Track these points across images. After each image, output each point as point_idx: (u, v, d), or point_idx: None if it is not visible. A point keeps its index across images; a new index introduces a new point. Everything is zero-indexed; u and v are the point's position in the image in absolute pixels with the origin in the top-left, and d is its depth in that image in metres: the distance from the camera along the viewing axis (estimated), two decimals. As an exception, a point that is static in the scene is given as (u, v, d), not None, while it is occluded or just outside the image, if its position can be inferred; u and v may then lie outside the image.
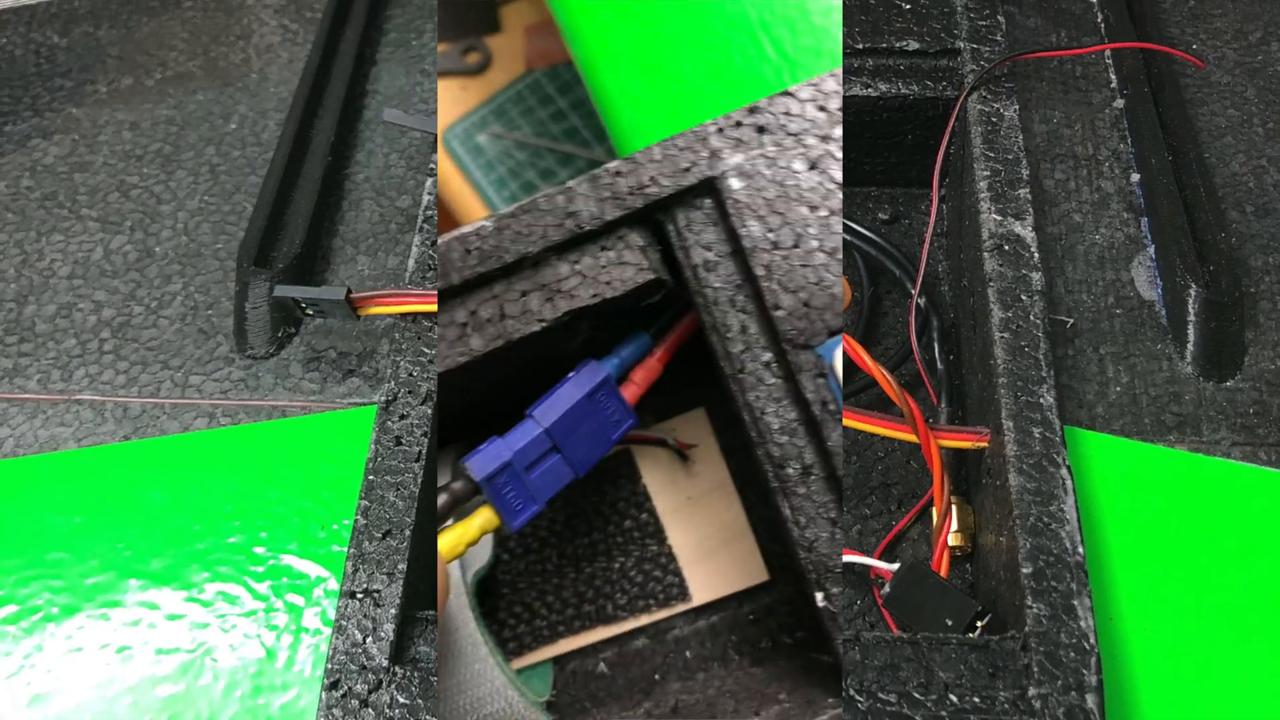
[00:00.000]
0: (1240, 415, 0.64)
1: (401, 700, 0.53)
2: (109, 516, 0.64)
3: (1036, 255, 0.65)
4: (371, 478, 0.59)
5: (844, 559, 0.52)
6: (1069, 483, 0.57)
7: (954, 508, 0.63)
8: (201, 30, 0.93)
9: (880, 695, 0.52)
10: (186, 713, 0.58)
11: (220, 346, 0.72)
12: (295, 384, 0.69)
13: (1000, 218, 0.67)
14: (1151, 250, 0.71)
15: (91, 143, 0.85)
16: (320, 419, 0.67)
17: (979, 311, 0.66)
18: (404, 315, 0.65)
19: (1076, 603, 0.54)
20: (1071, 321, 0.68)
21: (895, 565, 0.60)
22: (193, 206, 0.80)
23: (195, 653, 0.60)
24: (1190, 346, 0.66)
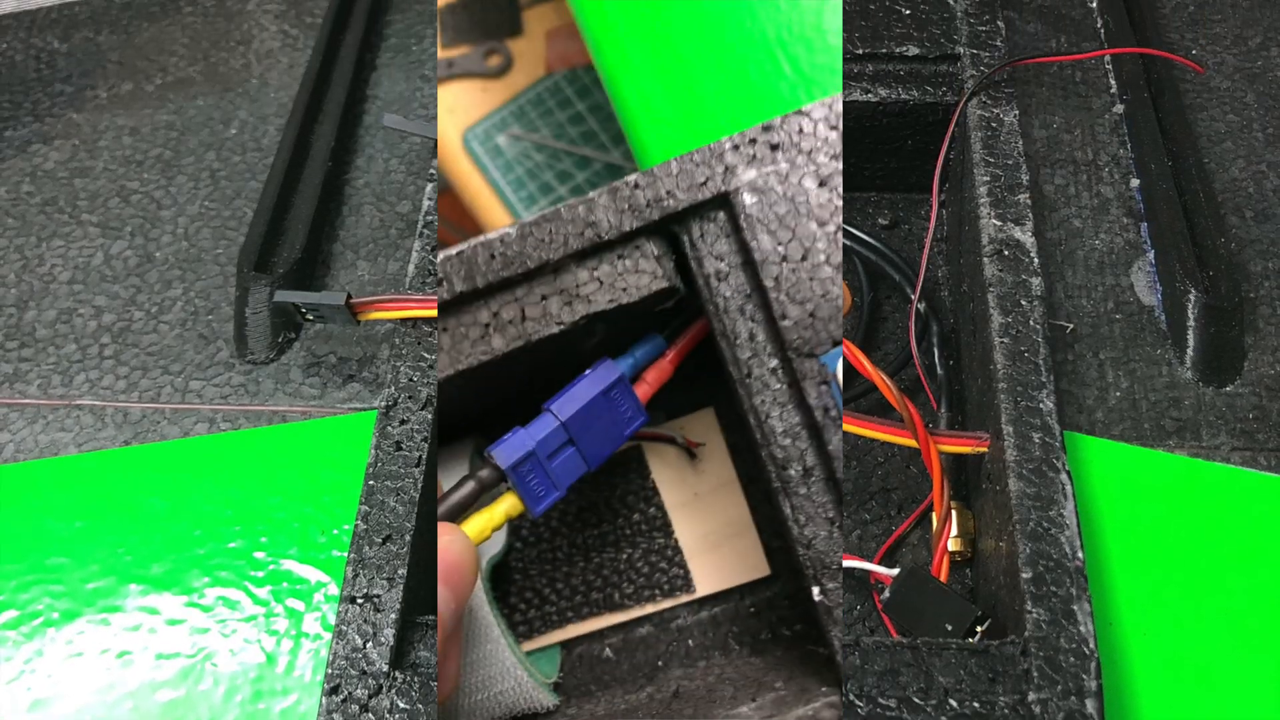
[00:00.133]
0: (1240, 420, 0.64)
1: (402, 705, 0.53)
2: (109, 521, 0.64)
3: (1036, 260, 0.65)
4: (372, 483, 0.59)
5: (844, 564, 0.53)
6: (1069, 488, 0.57)
7: (954, 513, 0.63)
8: (202, 35, 0.93)
9: (880, 700, 0.52)
10: (187, 717, 0.58)
11: (220, 352, 0.72)
12: (295, 389, 0.70)
13: (1000, 223, 0.67)
14: (1151, 255, 0.71)
15: (92, 148, 0.85)
16: (320, 424, 0.67)
17: (979, 316, 0.66)
18: (404, 320, 0.65)
19: (1076, 608, 0.54)
20: (1071, 327, 0.68)
21: (895, 570, 0.60)
22: (193, 212, 0.80)
23: (195, 658, 0.60)
24: (1190, 351, 0.66)
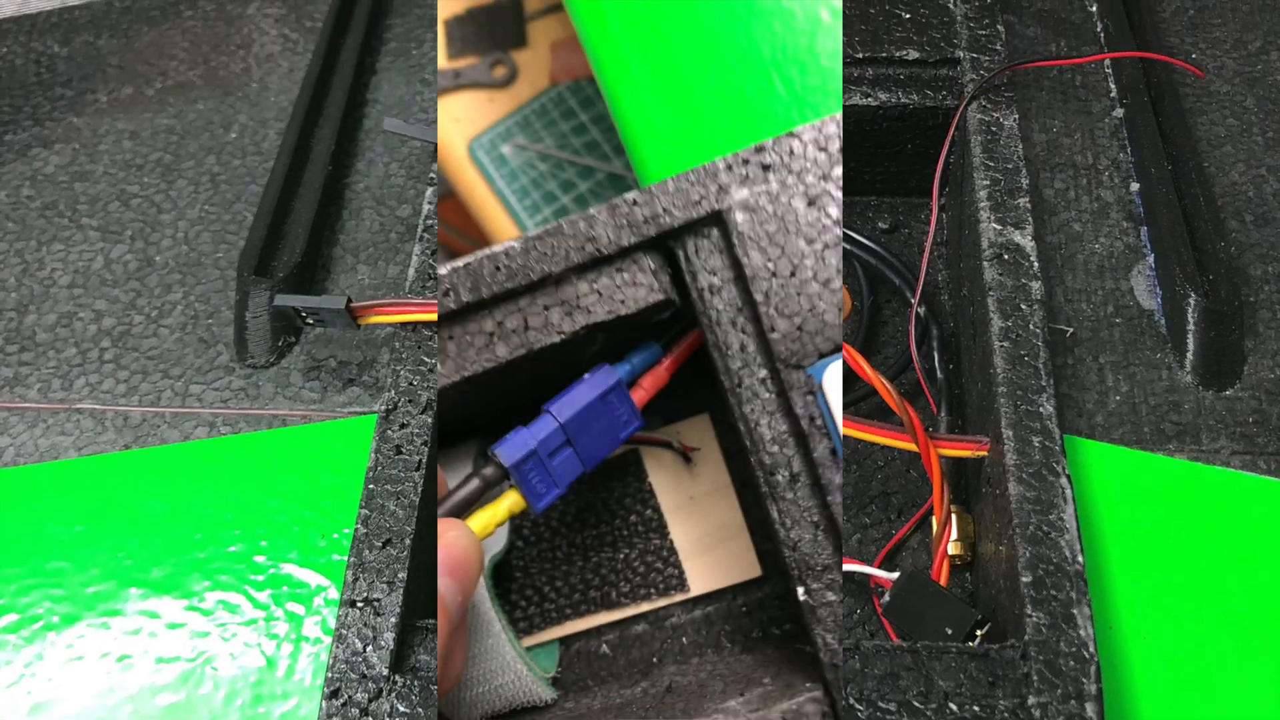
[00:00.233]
0: (1239, 424, 0.64)
1: (402, 709, 0.53)
2: (109, 525, 0.64)
3: (1036, 264, 0.65)
4: (372, 486, 0.59)
5: (844, 567, 0.53)
6: (1068, 491, 0.57)
7: (954, 516, 0.63)
8: (202, 39, 0.93)
9: (880, 704, 0.52)
10: (186, 722, 0.58)
11: (221, 355, 0.72)
12: (295, 393, 0.70)
13: (1000, 227, 0.67)
14: (1151, 259, 0.71)
15: (92, 152, 0.85)
16: (320, 428, 0.68)
17: (979, 320, 0.66)
18: (404, 324, 0.65)
19: (1076, 611, 0.54)
20: (1071, 330, 0.68)
21: (895, 574, 0.60)
22: (193, 215, 0.80)
23: (196, 661, 0.60)
24: (1190, 355, 0.66)
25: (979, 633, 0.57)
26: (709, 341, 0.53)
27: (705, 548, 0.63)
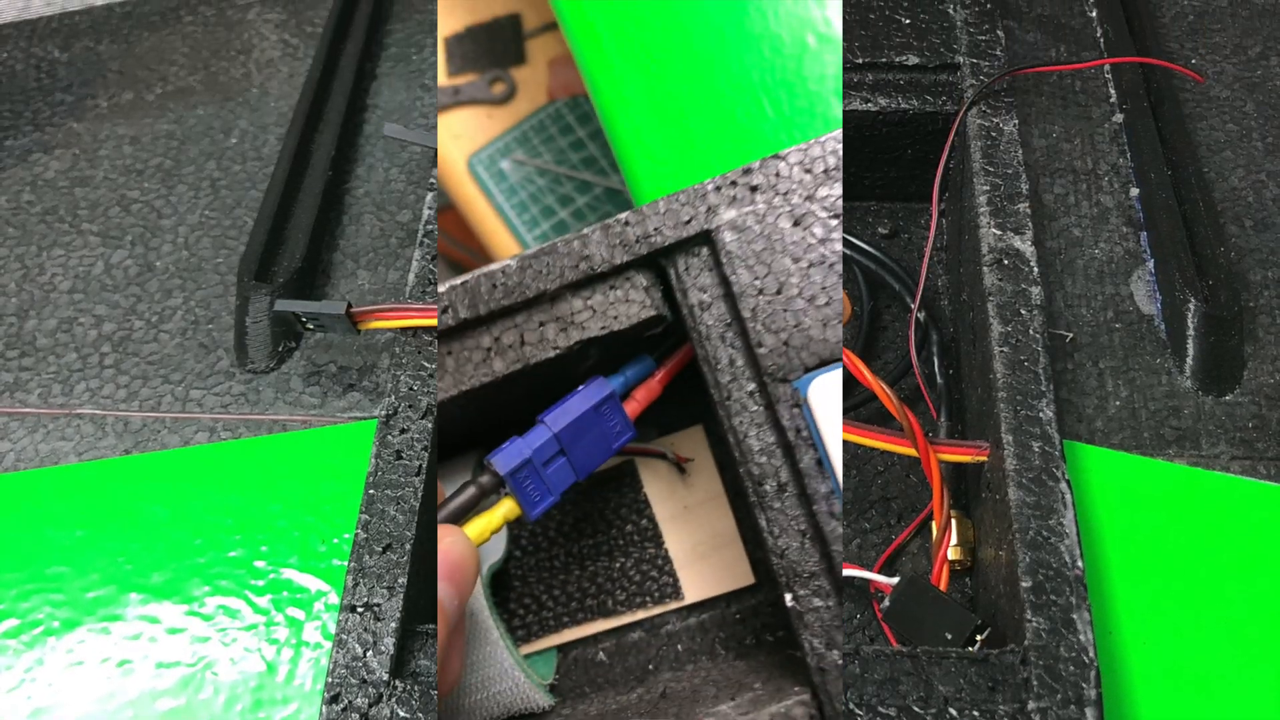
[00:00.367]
0: (1239, 429, 0.64)
1: (402, 714, 0.53)
2: (110, 530, 0.64)
3: (1036, 270, 0.65)
4: (372, 492, 0.59)
5: (844, 572, 0.53)
6: (1068, 497, 0.57)
7: (953, 522, 0.63)
8: (202, 45, 0.93)
9: (880, 709, 0.52)
10: (186, 727, 0.58)
11: (221, 361, 0.72)
12: (296, 398, 0.70)
13: (1000, 232, 0.67)
14: (1151, 265, 0.71)
15: (92, 157, 0.85)
16: (321, 433, 0.68)
17: (978, 326, 0.66)
18: (404, 329, 0.65)
19: (1076, 616, 0.54)
20: (1071, 336, 0.68)
21: (895, 579, 0.60)
22: (193, 221, 0.80)
23: (196, 666, 0.60)
24: (1189, 361, 0.67)
25: (979, 638, 0.57)
26: (699, 356, 0.55)
27: (699, 556, 0.63)
